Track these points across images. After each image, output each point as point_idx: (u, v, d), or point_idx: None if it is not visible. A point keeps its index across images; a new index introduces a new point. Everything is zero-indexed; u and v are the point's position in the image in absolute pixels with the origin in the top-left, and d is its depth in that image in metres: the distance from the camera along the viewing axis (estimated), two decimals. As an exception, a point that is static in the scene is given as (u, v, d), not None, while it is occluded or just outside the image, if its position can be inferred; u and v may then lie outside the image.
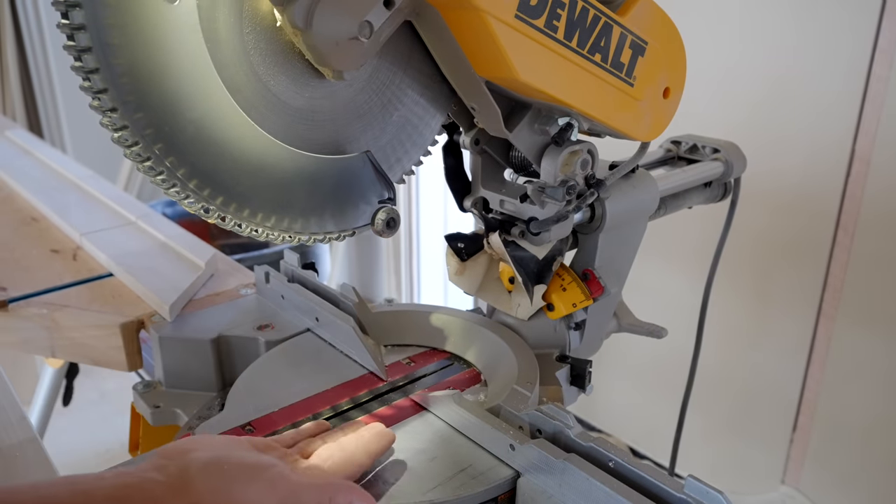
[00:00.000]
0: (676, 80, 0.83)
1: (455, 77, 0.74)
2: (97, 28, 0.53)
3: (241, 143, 0.63)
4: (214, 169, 0.62)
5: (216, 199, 0.63)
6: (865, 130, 1.71)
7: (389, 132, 0.74)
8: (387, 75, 0.71)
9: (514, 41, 0.65)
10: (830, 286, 1.87)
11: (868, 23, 1.65)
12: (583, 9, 0.69)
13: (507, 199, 0.86)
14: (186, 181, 0.61)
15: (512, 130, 0.78)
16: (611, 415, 2.44)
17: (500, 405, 0.76)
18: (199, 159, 0.61)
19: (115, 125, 0.56)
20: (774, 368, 2.02)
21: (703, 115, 1.83)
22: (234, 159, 0.63)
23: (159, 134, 0.58)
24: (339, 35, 0.60)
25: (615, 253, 0.92)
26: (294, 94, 0.65)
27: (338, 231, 0.73)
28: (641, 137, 0.84)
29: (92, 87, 0.54)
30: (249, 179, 0.65)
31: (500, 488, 0.69)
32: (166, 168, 0.60)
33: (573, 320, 0.92)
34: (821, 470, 2.02)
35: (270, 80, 0.63)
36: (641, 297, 1.31)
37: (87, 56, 0.53)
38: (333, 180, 0.70)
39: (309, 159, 0.68)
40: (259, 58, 0.61)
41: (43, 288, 1.14)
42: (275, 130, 0.65)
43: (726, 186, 1.12)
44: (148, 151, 0.58)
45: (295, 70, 0.64)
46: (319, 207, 0.71)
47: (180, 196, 0.62)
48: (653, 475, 0.63)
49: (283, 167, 0.67)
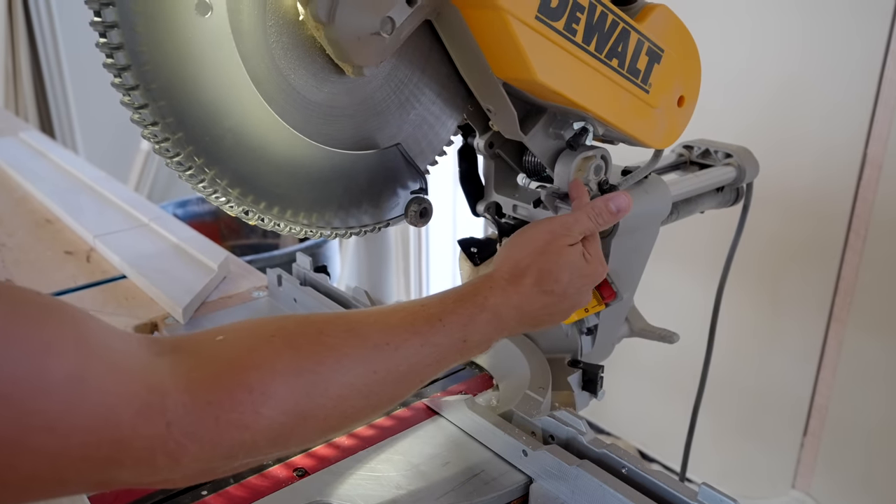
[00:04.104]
0: (691, 88, 0.84)
1: (472, 77, 0.74)
2: (133, 51, 0.53)
3: (276, 147, 0.64)
4: (254, 174, 0.63)
5: (259, 204, 0.65)
6: (877, 135, 1.70)
7: (406, 130, 0.75)
8: (405, 73, 0.71)
9: (534, 42, 0.65)
10: (842, 290, 1.86)
11: (880, 26, 1.64)
12: (602, 13, 0.69)
13: (520, 204, 0.86)
14: (230, 189, 0.62)
15: (527, 133, 0.78)
16: (620, 418, 2.43)
17: (513, 410, 0.76)
18: (239, 166, 0.62)
19: (157, 137, 0.57)
20: (785, 372, 2.01)
21: (714, 118, 1.82)
22: (271, 162, 0.64)
23: (200, 145, 0.59)
24: (362, 30, 0.60)
25: (628, 258, 0.92)
26: (314, 89, 0.65)
27: (373, 223, 0.74)
28: (656, 145, 0.84)
29: (132, 102, 0.55)
30: (288, 181, 0.66)
31: (513, 494, 0.69)
32: (208, 177, 0.61)
33: (585, 325, 0.92)
34: (832, 474, 2.01)
35: (291, 74, 0.63)
36: (653, 300, 1.31)
37: (126, 74, 0.54)
38: (367, 174, 0.72)
39: (343, 156, 0.69)
40: (281, 51, 0.62)
41: (57, 290, 1.14)
42: (299, 126, 0.66)
43: (738, 191, 1.12)
44: (189, 161, 0.59)
45: (315, 65, 0.64)
46: (356, 201, 0.72)
47: (222, 202, 0.63)
48: (666, 482, 0.63)
49: (319, 165, 0.68)
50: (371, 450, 0.74)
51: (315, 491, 0.67)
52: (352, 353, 0.54)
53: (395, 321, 0.59)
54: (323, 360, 0.53)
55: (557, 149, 0.81)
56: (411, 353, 0.58)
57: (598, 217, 0.72)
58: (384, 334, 0.57)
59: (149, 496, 0.68)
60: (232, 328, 0.53)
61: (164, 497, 0.68)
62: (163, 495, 0.68)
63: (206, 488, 0.69)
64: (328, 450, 0.75)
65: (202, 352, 0.49)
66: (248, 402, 0.47)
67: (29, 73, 3.35)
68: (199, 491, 0.69)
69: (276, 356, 0.50)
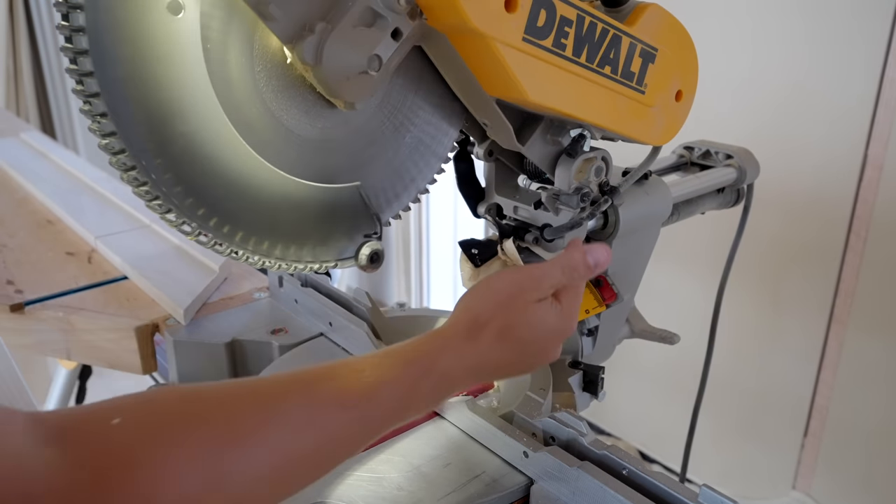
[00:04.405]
0: (689, 82, 0.83)
1: (465, 96, 0.74)
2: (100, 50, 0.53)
3: (228, 162, 0.61)
4: (203, 184, 0.60)
5: (207, 219, 0.61)
6: (878, 136, 1.70)
7: (403, 153, 0.74)
8: (398, 98, 0.71)
9: (523, 63, 0.65)
10: (842, 291, 1.86)
11: (881, 28, 1.64)
12: (590, 24, 0.69)
13: (521, 206, 0.86)
14: (174, 198, 0.59)
15: (525, 144, 0.78)
16: (621, 418, 2.44)
17: (514, 412, 0.76)
18: (188, 175, 0.59)
19: (106, 133, 0.55)
20: (786, 373, 2.01)
21: (715, 120, 1.82)
22: (221, 175, 0.61)
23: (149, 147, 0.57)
24: (350, 70, 0.60)
25: (628, 259, 0.92)
26: (307, 126, 0.65)
27: (319, 261, 0.70)
28: (655, 142, 0.84)
29: (92, 111, 0.55)
30: (234, 197, 0.63)
31: (514, 495, 0.69)
32: (151, 180, 0.57)
33: (586, 326, 0.92)
34: (832, 475, 2.01)
35: (283, 115, 0.63)
36: (653, 301, 1.31)
37: (83, 59, 0.53)
38: (321, 209, 0.69)
39: (299, 185, 0.66)
40: (271, 94, 0.62)
41: (58, 290, 1.15)
42: (286, 163, 0.65)
43: (739, 192, 1.12)
44: (133, 161, 0.56)
45: (307, 102, 0.64)
46: (304, 235, 0.68)
47: (157, 206, 0.59)
48: (667, 484, 0.63)
49: (272, 190, 0.65)
50: (372, 451, 0.74)
51: (315, 492, 0.67)
52: (266, 440, 0.47)
53: (321, 395, 0.51)
54: (230, 450, 0.45)
55: (556, 154, 0.81)
56: (337, 432, 0.51)
57: (573, 271, 0.65)
58: (306, 412, 0.50)
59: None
60: (131, 407, 0.46)
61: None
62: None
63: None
64: (329, 451, 0.75)
65: (90, 443, 0.43)
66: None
67: (30, 73, 3.36)
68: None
69: (176, 447, 0.44)
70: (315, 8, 0.57)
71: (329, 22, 0.58)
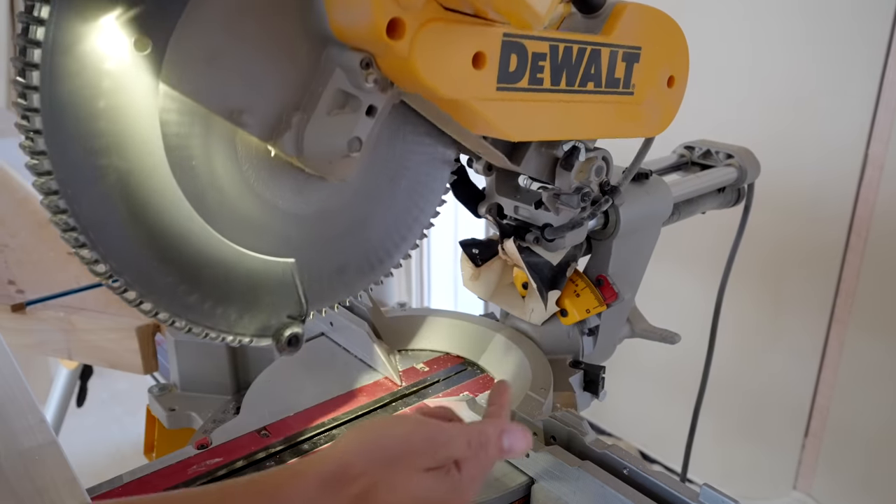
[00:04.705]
0: (679, 66, 0.80)
1: (452, 133, 0.73)
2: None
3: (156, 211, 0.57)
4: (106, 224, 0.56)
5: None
6: (878, 135, 1.70)
7: (401, 199, 0.74)
8: (386, 151, 0.70)
9: (501, 110, 0.63)
10: (843, 291, 1.86)
11: (881, 27, 1.64)
12: (565, 49, 0.66)
13: (522, 206, 0.86)
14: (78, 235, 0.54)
15: (520, 163, 0.77)
16: (621, 418, 2.43)
17: (515, 411, 0.77)
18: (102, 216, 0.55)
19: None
20: (786, 373, 2.01)
21: (716, 120, 1.82)
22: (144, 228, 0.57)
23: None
24: (332, 155, 0.61)
25: (629, 259, 0.92)
26: (303, 204, 0.66)
27: (234, 333, 0.65)
28: (652, 133, 0.82)
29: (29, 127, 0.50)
30: (139, 251, 0.58)
31: (515, 494, 0.69)
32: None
33: (586, 326, 0.92)
34: (833, 475, 2.01)
35: (279, 200, 0.64)
36: (654, 301, 1.31)
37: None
38: (249, 277, 0.64)
39: (231, 249, 0.62)
40: (263, 186, 0.62)
41: (60, 290, 1.15)
42: (275, 244, 0.65)
43: (740, 191, 1.12)
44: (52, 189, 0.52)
45: (298, 182, 0.64)
46: (225, 301, 0.63)
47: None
48: (667, 483, 0.63)
49: (206, 251, 0.61)
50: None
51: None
52: None
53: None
54: None
55: (553, 163, 0.81)
56: None
57: (481, 449, 0.55)
58: None
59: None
60: None
61: (167, 497, 0.68)
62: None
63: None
64: (330, 450, 0.75)
65: None
66: None
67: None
68: (201, 491, 0.69)
69: None
70: (288, 100, 0.58)
71: (304, 111, 0.59)
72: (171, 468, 0.71)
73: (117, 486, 0.69)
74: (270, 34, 0.57)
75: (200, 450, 0.74)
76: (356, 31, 0.55)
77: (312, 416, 0.81)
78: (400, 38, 0.52)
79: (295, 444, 0.76)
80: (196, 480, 0.70)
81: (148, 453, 1.00)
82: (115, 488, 0.69)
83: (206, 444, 0.75)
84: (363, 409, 0.82)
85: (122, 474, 0.71)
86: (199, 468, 0.72)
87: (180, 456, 0.73)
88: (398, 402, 0.84)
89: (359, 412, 0.82)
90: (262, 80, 0.58)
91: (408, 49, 0.53)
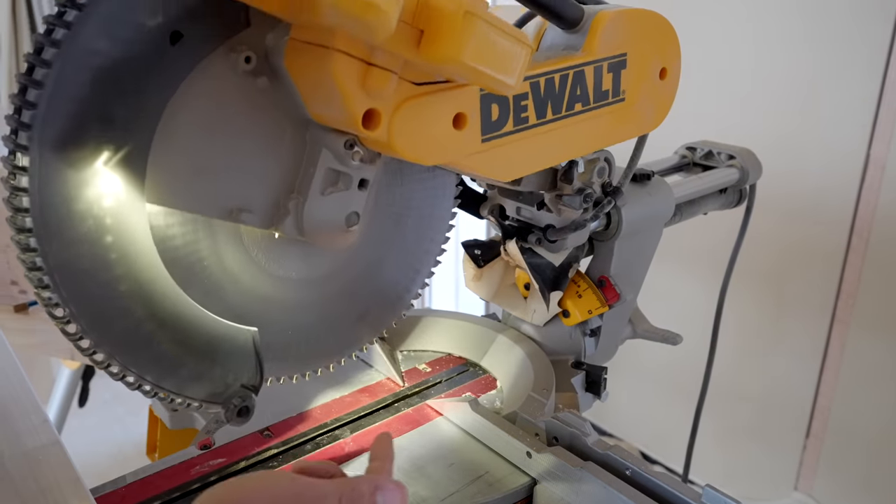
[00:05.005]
0: (670, 57, 0.78)
1: (448, 168, 0.72)
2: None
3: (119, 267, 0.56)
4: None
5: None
6: (880, 136, 1.70)
7: (410, 236, 0.74)
8: (387, 197, 0.70)
9: (489, 159, 0.63)
10: (844, 292, 1.86)
11: (883, 28, 1.64)
12: (547, 82, 0.66)
13: (524, 207, 0.86)
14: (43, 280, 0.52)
15: (519, 183, 0.78)
16: (622, 419, 2.43)
17: (517, 412, 0.77)
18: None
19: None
20: (788, 374, 2.01)
21: (718, 121, 1.82)
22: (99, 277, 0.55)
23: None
24: (333, 231, 0.63)
25: (631, 259, 0.92)
26: (315, 269, 0.67)
27: (183, 395, 0.62)
28: (649, 129, 0.81)
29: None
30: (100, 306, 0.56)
31: (517, 495, 0.69)
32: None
33: (588, 327, 0.92)
34: (834, 476, 2.00)
35: (292, 273, 0.66)
36: (656, 303, 1.31)
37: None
38: (208, 340, 0.62)
39: (193, 309, 0.61)
40: (275, 264, 0.64)
41: (62, 291, 1.15)
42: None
43: (741, 192, 1.12)
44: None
45: (306, 252, 0.66)
46: (179, 362, 0.61)
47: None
48: (670, 484, 0.63)
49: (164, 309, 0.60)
50: (375, 451, 0.74)
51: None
52: None
53: None
54: None
55: (553, 175, 0.81)
56: None
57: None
58: None
59: (155, 497, 0.68)
60: None
61: (169, 500, 0.68)
62: (167, 496, 0.68)
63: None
64: (333, 451, 0.75)
65: None
66: None
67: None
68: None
69: None
70: (282, 186, 0.60)
71: (299, 192, 0.60)
72: (173, 468, 0.71)
73: (120, 487, 0.69)
74: (252, 130, 0.57)
75: (203, 450, 0.74)
76: (335, 121, 0.56)
77: (315, 416, 0.81)
78: (377, 127, 0.52)
79: (297, 445, 0.76)
80: (199, 481, 0.70)
81: (150, 454, 1.00)
82: (118, 488, 0.69)
83: (209, 445, 0.75)
84: (365, 409, 0.82)
85: (125, 475, 0.71)
86: (202, 468, 0.72)
87: (183, 456, 0.73)
88: (400, 402, 0.84)
89: (361, 413, 0.82)
90: (253, 175, 0.59)
91: (386, 134, 0.53)
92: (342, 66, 0.49)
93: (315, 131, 0.58)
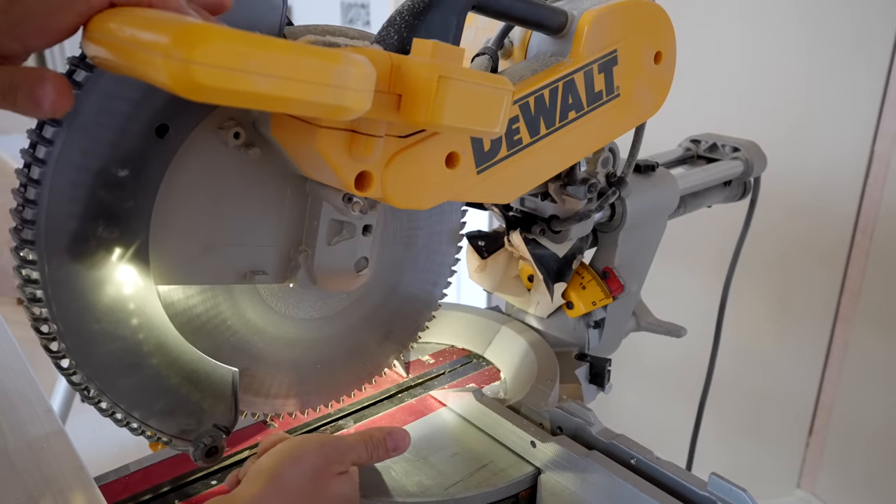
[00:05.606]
0: (664, 40, 0.76)
1: None
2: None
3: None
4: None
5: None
6: (885, 132, 1.69)
7: (423, 253, 0.75)
8: (395, 224, 0.71)
9: (487, 187, 0.63)
10: (848, 289, 1.86)
11: (888, 25, 1.64)
12: (537, 98, 0.65)
13: (528, 197, 0.86)
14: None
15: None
16: (624, 416, 2.43)
17: (521, 402, 0.76)
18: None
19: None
20: (791, 371, 2.00)
21: (722, 115, 1.82)
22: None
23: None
24: (344, 275, 0.64)
25: (635, 251, 0.92)
26: (334, 304, 0.70)
27: (153, 429, 0.61)
28: (649, 116, 0.80)
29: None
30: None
31: (522, 485, 0.69)
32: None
33: (592, 318, 0.92)
34: (837, 474, 2.00)
35: (313, 313, 0.69)
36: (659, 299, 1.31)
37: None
38: (186, 375, 0.62)
39: (177, 341, 0.61)
40: (296, 309, 0.67)
41: (65, 284, 1.14)
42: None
43: (746, 185, 1.12)
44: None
45: (323, 292, 0.68)
46: (153, 395, 0.60)
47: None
48: (675, 473, 0.63)
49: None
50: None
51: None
52: None
53: None
54: None
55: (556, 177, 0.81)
56: None
57: (375, 451, 0.65)
58: None
59: (159, 485, 0.68)
60: None
61: (173, 488, 0.68)
62: (171, 485, 0.68)
63: (215, 478, 0.69)
64: (336, 441, 0.75)
65: None
66: None
67: (35, 71, 3.36)
68: (209, 481, 0.69)
69: None
70: (291, 240, 0.61)
71: (307, 244, 0.62)
72: (177, 457, 0.71)
73: (124, 475, 0.69)
74: (253, 199, 0.59)
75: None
76: (329, 182, 0.56)
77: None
78: (370, 187, 0.53)
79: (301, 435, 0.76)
80: (202, 469, 0.70)
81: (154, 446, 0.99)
82: (121, 477, 0.69)
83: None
84: (369, 399, 0.82)
85: (128, 463, 0.71)
86: (206, 457, 0.71)
87: (186, 445, 0.73)
88: (404, 393, 0.84)
89: (365, 403, 0.82)
90: (260, 240, 0.60)
91: (381, 191, 0.53)
92: (327, 140, 0.49)
93: (313, 186, 0.60)
